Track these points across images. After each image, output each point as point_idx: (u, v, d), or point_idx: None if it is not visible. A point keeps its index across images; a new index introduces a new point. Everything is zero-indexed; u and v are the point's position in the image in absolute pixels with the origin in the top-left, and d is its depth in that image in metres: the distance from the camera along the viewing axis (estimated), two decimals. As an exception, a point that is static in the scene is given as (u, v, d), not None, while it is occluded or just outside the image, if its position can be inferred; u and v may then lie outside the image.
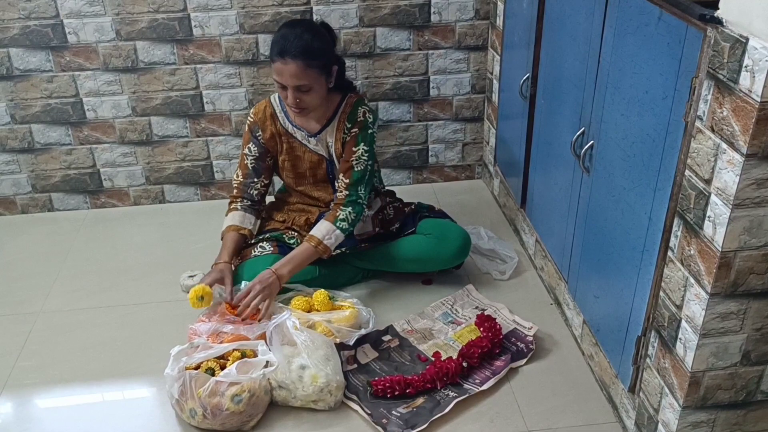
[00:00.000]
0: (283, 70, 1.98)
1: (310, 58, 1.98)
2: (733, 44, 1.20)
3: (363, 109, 2.16)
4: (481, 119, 2.87)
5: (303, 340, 1.86)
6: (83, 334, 2.15)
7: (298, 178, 2.27)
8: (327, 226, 2.13)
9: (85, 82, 2.59)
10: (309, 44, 1.99)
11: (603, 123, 1.73)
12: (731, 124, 1.23)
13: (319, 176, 2.26)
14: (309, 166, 2.24)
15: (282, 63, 1.97)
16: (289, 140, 2.22)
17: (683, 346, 1.45)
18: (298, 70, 1.97)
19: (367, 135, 2.15)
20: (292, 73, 1.97)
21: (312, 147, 2.21)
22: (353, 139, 2.14)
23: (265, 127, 2.21)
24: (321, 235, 2.11)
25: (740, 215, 1.26)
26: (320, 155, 2.22)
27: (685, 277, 1.42)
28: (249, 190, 2.27)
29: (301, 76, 1.98)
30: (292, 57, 1.96)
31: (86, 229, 2.72)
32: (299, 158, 2.24)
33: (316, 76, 2.01)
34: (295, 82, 1.98)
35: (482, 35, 2.69)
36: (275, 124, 2.21)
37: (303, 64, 1.97)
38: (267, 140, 2.22)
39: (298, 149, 2.22)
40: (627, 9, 1.57)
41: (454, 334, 2.07)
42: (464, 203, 2.79)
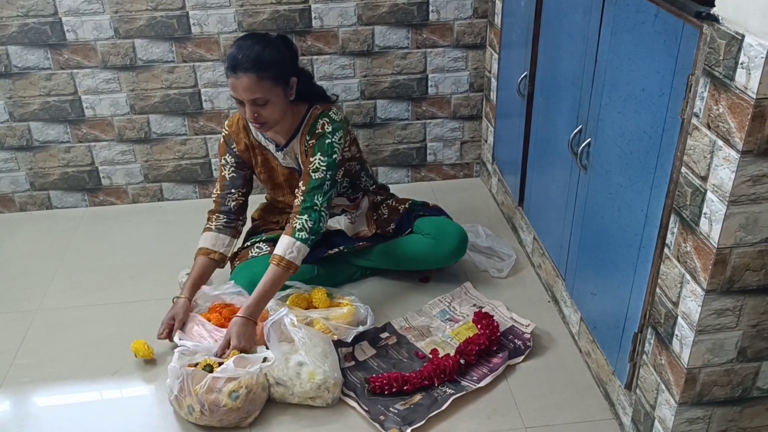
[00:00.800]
0: (236, 84, 1.91)
1: (261, 69, 1.90)
2: (729, 41, 1.21)
3: (323, 120, 2.08)
4: (479, 117, 2.88)
5: (301, 337, 1.86)
6: (81, 332, 2.15)
7: (275, 188, 2.26)
8: (287, 241, 2.02)
9: (83, 79, 2.59)
10: (259, 56, 1.91)
11: (600, 121, 1.74)
12: (727, 121, 1.23)
13: (296, 186, 2.16)
14: (284, 178, 2.22)
15: (234, 78, 1.91)
16: (262, 152, 2.18)
17: (679, 342, 1.45)
18: (251, 83, 1.90)
19: (324, 144, 2.06)
20: (244, 86, 1.91)
21: (281, 160, 2.18)
22: (311, 149, 2.08)
23: (239, 140, 2.17)
24: (282, 251, 2.01)
25: (736, 212, 1.26)
26: (291, 167, 2.19)
27: (681, 273, 1.42)
28: (226, 202, 2.20)
29: (255, 89, 1.91)
30: (244, 70, 1.89)
31: (84, 227, 2.72)
32: (274, 170, 2.21)
33: (271, 87, 1.93)
34: (249, 95, 1.92)
35: (480, 34, 2.69)
36: (248, 136, 2.17)
37: (255, 76, 1.90)
38: (241, 152, 2.18)
39: (271, 161, 2.19)
40: (624, 7, 1.57)
41: (452, 332, 2.08)
42: (462, 201, 2.80)
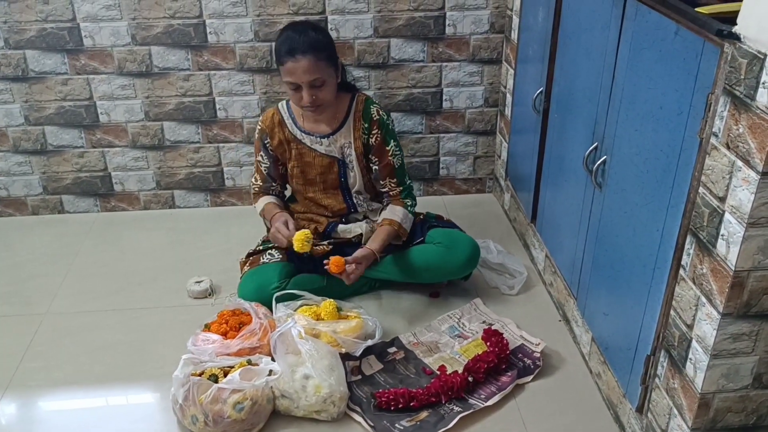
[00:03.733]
0: (295, 68, 1.99)
1: (319, 50, 2.01)
2: (750, 60, 1.18)
3: (375, 107, 2.20)
4: (493, 133, 2.86)
5: (307, 349, 1.84)
6: (88, 337, 2.15)
7: (307, 184, 2.27)
8: (402, 211, 2.23)
9: (99, 85, 2.60)
10: (315, 38, 2.02)
11: (616, 138, 1.72)
12: (747, 142, 1.21)
13: (330, 181, 2.25)
14: (320, 171, 2.24)
15: (293, 61, 1.99)
16: (297, 146, 2.22)
17: (693, 366, 1.42)
18: (310, 64, 1.99)
19: (390, 131, 2.21)
20: (304, 68, 1.99)
21: (323, 150, 2.21)
22: (381, 141, 2.20)
23: (273, 135, 2.22)
24: (399, 218, 2.20)
25: (755, 234, 1.23)
26: (332, 157, 2.22)
27: (696, 296, 1.39)
28: (269, 192, 2.31)
29: (314, 69, 2.00)
30: (302, 53, 1.98)
31: (95, 232, 2.73)
32: (309, 164, 2.24)
33: (326, 68, 2.04)
34: (309, 77, 2.00)
35: (497, 48, 2.68)
36: (283, 131, 2.21)
37: (314, 57, 1.99)
38: (275, 147, 2.23)
39: (307, 155, 2.22)
40: (643, 24, 1.56)
41: (461, 348, 2.05)
42: (474, 216, 2.78)
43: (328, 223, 2.27)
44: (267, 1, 2.50)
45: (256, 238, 2.38)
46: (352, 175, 2.24)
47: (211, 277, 2.36)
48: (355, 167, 2.23)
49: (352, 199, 2.28)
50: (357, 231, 2.27)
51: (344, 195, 2.28)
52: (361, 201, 2.29)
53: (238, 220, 2.78)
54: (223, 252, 2.53)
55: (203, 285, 2.32)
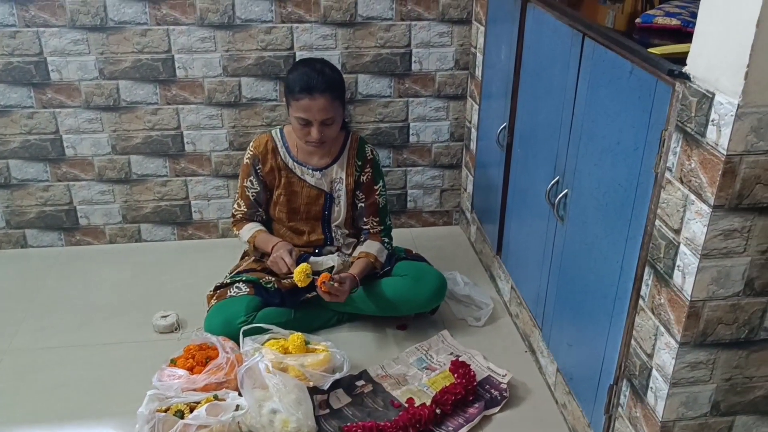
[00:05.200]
0: (311, 105, 2.05)
1: (335, 90, 2.09)
2: (700, 99, 1.24)
3: (369, 146, 2.30)
4: (459, 166, 2.91)
5: (275, 383, 1.83)
6: (51, 374, 2.11)
7: (291, 213, 2.30)
8: (377, 246, 2.28)
9: (65, 119, 2.59)
10: (333, 78, 2.10)
11: (577, 172, 1.77)
12: (699, 176, 1.26)
13: (313, 213, 2.29)
14: (305, 202, 2.28)
15: (310, 99, 2.04)
16: (288, 175, 2.25)
17: (654, 395, 1.45)
18: (327, 103, 2.06)
19: (380, 171, 2.32)
20: (320, 107, 2.05)
21: (313, 182, 2.25)
22: (371, 180, 2.28)
23: (266, 161, 2.25)
24: (375, 252, 2.26)
25: (708, 265, 1.28)
26: (320, 190, 2.26)
27: (655, 325, 1.43)
28: (254, 218, 2.33)
29: (329, 109, 2.07)
30: (320, 92, 2.04)
31: (59, 267, 2.69)
32: (296, 194, 2.27)
33: (338, 107, 2.12)
34: (323, 116, 2.07)
35: (461, 85, 2.75)
36: (276, 158, 2.25)
37: (330, 97, 2.07)
38: (266, 174, 2.26)
39: (296, 184, 2.26)
40: (600, 63, 1.62)
41: (428, 381, 2.06)
42: (441, 249, 2.81)
43: (301, 254, 2.28)
44: (236, 37, 2.54)
45: (223, 272, 2.37)
46: (337, 209, 2.28)
47: (178, 312, 2.34)
48: (342, 202, 2.27)
49: (331, 233, 2.31)
50: (329, 263, 2.28)
51: (324, 227, 2.30)
52: (339, 235, 2.32)
53: (206, 253, 2.77)
54: (190, 286, 2.52)
55: (169, 319, 2.30)
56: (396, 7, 2.58)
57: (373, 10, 2.57)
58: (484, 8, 2.47)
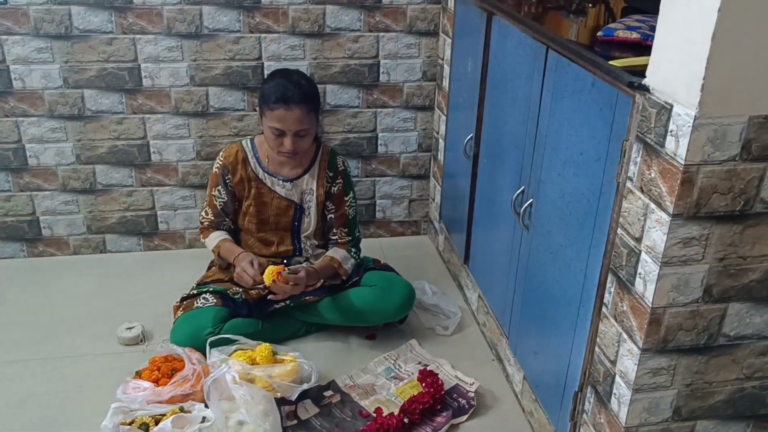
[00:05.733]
0: (286, 116, 2.05)
1: (310, 102, 2.09)
2: (659, 110, 1.28)
3: (340, 158, 2.30)
4: (427, 177, 2.93)
5: (242, 394, 1.82)
6: (12, 389, 2.06)
7: (260, 223, 2.29)
8: (344, 254, 2.28)
9: (28, 128, 2.55)
10: (309, 90, 2.11)
11: (541, 182, 1.79)
12: (659, 185, 1.29)
13: (283, 224, 2.28)
14: (275, 212, 2.27)
15: (285, 109, 2.04)
16: (258, 185, 2.24)
17: (617, 401, 1.47)
18: (302, 115, 2.06)
19: (350, 183, 2.33)
20: (296, 118, 2.06)
21: (283, 193, 2.25)
22: (342, 190, 2.28)
23: (236, 171, 2.24)
24: (340, 258, 2.25)
25: (668, 273, 1.31)
26: (290, 201, 2.26)
27: (618, 332, 1.46)
28: (220, 227, 2.31)
29: (304, 120, 2.08)
30: (296, 103, 2.05)
31: (21, 279, 2.64)
32: (265, 204, 2.26)
33: (313, 120, 2.12)
34: (298, 126, 2.07)
35: (429, 96, 2.77)
36: (246, 168, 2.24)
37: (306, 108, 2.07)
38: (235, 184, 2.25)
39: (265, 195, 2.25)
40: (563, 75, 1.65)
41: (397, 390, 2.06)
42: (410, 258, 2.82)
43: (268, 263, 2.27)
44: (203, 47, 2.53)
45: (190, 283, 2.35)
46: (307, 220, 2.28)
47: (144, 323, 2.31)
48: (312, 213, 2.27)
49: (300, 244, 2.31)
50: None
51: (293, 238, 2.30)
52: (308, 247, 2.32)
53: (172, 264, 2.74)
54: (156, 297, 2.49)
55: (134, 331, 2.27)
56: (364, 19, 2.59)
57: (342, 21, 2.58)
58: (451, 21, 2.51)
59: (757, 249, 1.32)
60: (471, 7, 2.27)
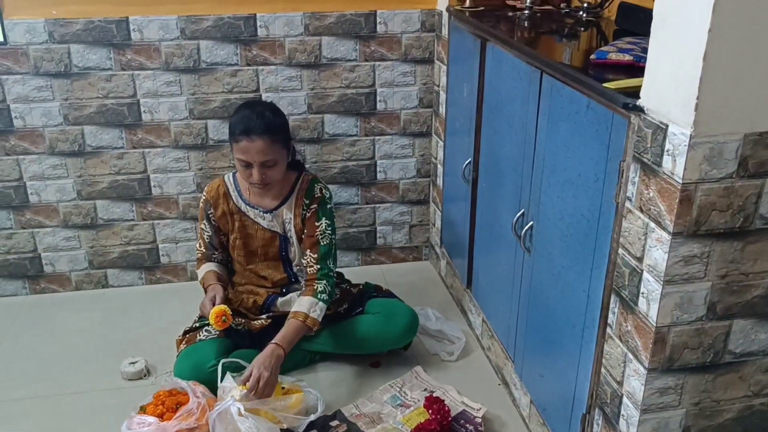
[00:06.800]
0: (249, 147, 2.04)
1: (274, 133, 2.07)
2: (654, 130, 1.29)
3: (319, 185, 2.24)
4: (426, 202, 2.94)
5: (247, 427, 1.81)
6: (17, 427, 2.05)
7: (249, 256, 2.28)
8: (309, 300, 2.14)
9: (29, 165, 2.57)
10: (272, 120, 2.08)
11: (541, 204, 1.80)
12: (657, 204, 1.30)
13: (271, 254, 2.27)
14: (261, 244, 2.26)
15: (248, 141, 2.03)
16: (241, 218, 2.24)
17: (626, 422, 1.46)
18: (265, 145, 2.04)
19: (326, 210, 2.22)
20: (258, 149, 2.04)
21: (266, 224, 2.23)
22: (314, 215, 2.21)
23: (217, 205, 2.24)
24: (306, 308, 2.13)
25: (671, 291, 1.31)
26: (274, 232, 2.24)
27: (623, 352, 1.45)
28: (211, 259, 2.31)
29: (268, 151, 2.05)
30: (258, 134, 2.03)
31: (24, 316, 2.63)
32: (251, 236, 2.25)
33: (279, 150, 2.10)
34: (262, 157, 2.05)
35: (426, 122, 2.79)
36: (228, 202, 2.24)
37: (269, 139, 2.05)
38: (218, 218, 2.25)
39: (250, 227, 2.24)
40: (558, 98, 1.67)
41: (403, 418, 2.05)
42: (412, 284, 2.82)
43: (268, 296, 2.27)
44: (201, 80, 2.56)
45: (192, 315, 2.34)
46: (293, 249, 2.26)
47: (147, 358, 2.30)
48: (295, 243, 2.25)
49: (293, 270, 2.30)
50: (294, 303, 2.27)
51: (285, 266, 2.29)
52: (302, 274, 2.30)
53: (174, 297, 2.74)
54: (159, 331, 2.48)
55: (138, 366, 2.26)
56: (360, 48, 2.63)
57: (337, 51, 2.61)
58: (445, 48, 2.53)
59: (758, 265, 1.32)
60: (465, 34, 2.30)
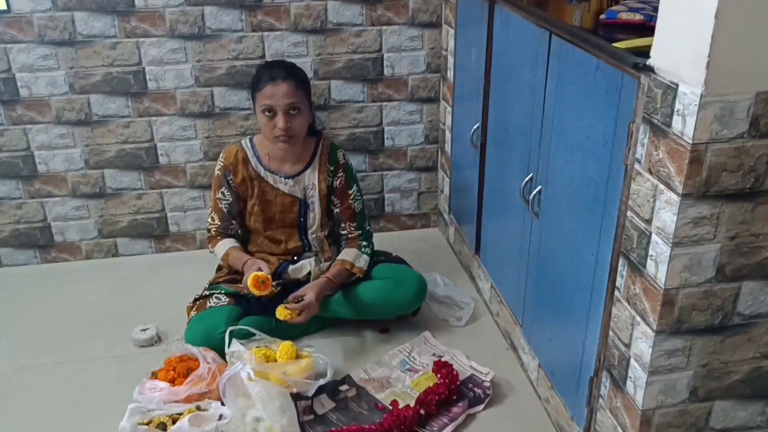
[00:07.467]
0: (274, 91, 2.08)
1: (299, 80, 2.13)
2: (665, 90, 1.27)
3: (341, 151, 2.31)
4: (435, 169, 2.92)
5: (257, 391, 1.83)
6: (30, 395, 2.08)
7: (266, 222, 2.29)
8: (354, 252, 2.27)
9: (36, 135, 2.57)
10: (296, 70, 2.17)
11: (549, 169, 1.79)
12: (667, 166, 1.28)
13: (289, 220, 2.29)
14: (280, 210, 2.27)
15: (273, 85, 2.08)
16: (260, 184, 2.25)
17: (633, 384, 1.47)
18: (290, 89, 2.09)
19: (353, 175, 2.32)
20: (284, 92, 2.08)
21: (287, 190, 2.25)
22: (345, 185, 2.28)
23: (237, 171, 2.24)
24: (352, 258, 2.25)
25: (680, 253, 1.30)
26: (294, 197, 2.26)
27: (631, 315, 1.45)
28: (228, 231, 2.31)
29: (293, 94, 2.10)
30: (283, 78, 2.09)
31: (35, 285, 2.66)
32: (270, 202, 2.26)
33: (304, 99, 2.14)
34: (287, 101, 2.09)
35: (434, 88, 2.77)
36: (247, 168, 2.24)
37: (294, 84, 2.11)
38: (238, 184, 2.25)
39: (269, 193, 2.25)
40: (567, 60, 1.64)
41: (412, 382, 2.06)
42: (420, 251, 2.82)
43: (279, 263, 2.28)
44: (206, 47, 2.53)
45: (202, 283, 2.36)
46: (312, 216, 2.28)
47: (158, 325, 2.32)
48: (317, 208, 2.26)
49: (308, 239, 2.30)
50: (306, 269, 2.28)
51: (300, 234, 2.30)
52: (316, 242, 2.31)
53: (184, 265, 2.75)
54: (169, 299, 2.50)
55: (149, 333, 2.28)
56: (366, 13, 2.59)
57: (343, 16, 2.58)
58: (453, 11, 2.50)
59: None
60: (472, -3, 2.26)
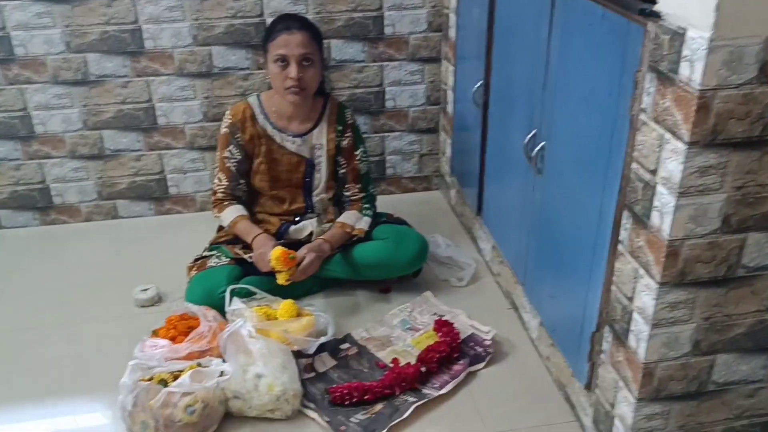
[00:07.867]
0: (289, 40, 2.07)
1: (313, 31, 2.14)
2: (672, 36, 1.24)
3: (348, 111, 2.31)
4: (436, 130, 2.89)
5: (258, 348, 1.82)
6: (31, 353, 2.08)
7: (272, 181, 2.27)
8: (355, 214, 2.27)
9: (33, 95, 2.54)
10: (310, 22, 2.17)
11: (553, 124, 1.76)
12: (673, 114, 1.26)
13: (295, 180, 2.27)
14: (286, 169, 2.26)
15: (287, 34, 2.07)
16: (267, 142, 2.23)
17: (635, 337, 1.46)
18: (304, 39, 2.08)
19: (360, 136, 2.32)
20: (298, 42, 2.07)
21: (294, 148, 2.23)
22: (351, 146, 2.27)
23: (245, 128, 2.22)
24: (352, 221, 2.25)
25: (685, 203, 1.28)
26: (301, 157, 2.24)
27: (635, 268, 1.44)
28: (236, 192, 2.28)
29: (307, 44, 2.09)
30: (298, 28, 2.09)
31: (35, 247, 2.65)
32: (276, 161, 2.25)
33: (317, 51, 2.14)
34: (301, 50, 2.07)
35: (435, 47, 2.72)
36: (255, 125, 2.22)
37: (308, 34, 2.10)
38: (246, 142, 2.23)
39: (276, 152, 2.24)
40: (572, 10, 1.61)
41: (413, 341, 2.06)
42: (422, 214, 2.79)
43: (281, 224, 2.27)
44: (204, 5, 2.49)
45: (202, 245, 2.34)
46: (318, 176, 2.26)
47: (158, 285, 2.32)
48: (323, 168, 2.25)
49: (312, 200, 2.29)
50: (308, 229, 2.27)
51: (305, 195, 2.29)
52: (319, 203, 2.30)
53: (184, 227, 2.74)
54: (170, 260, 2.49)
55: (150, 292, 2.27)
56: (366, -30, 2.54)
57: (343, -27, 2.53)
58: (455, -33, 2.45)
59: (776, 176, 1.29)
60: (475, -49, 2.21)
